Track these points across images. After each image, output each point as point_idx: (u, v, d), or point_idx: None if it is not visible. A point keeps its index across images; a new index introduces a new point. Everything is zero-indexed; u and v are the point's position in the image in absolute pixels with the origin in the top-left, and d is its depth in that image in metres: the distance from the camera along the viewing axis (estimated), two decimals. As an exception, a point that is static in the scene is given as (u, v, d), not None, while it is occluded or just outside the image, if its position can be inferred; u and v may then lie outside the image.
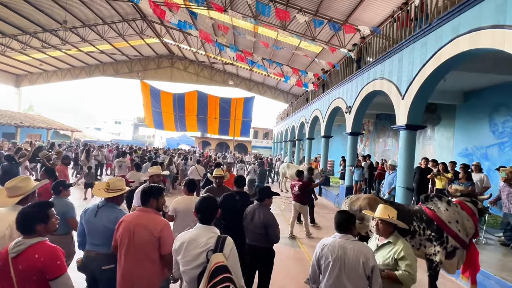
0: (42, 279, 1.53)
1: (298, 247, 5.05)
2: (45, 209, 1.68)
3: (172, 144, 32.53)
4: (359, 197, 3.99)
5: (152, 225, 2.01)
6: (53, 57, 22.81)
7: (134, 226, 2.00)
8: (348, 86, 8.81)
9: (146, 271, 1.99)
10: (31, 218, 1.60)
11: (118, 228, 2.07)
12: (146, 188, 2.19)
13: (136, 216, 2.07)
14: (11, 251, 1.53)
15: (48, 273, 1.53)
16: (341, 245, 1.95)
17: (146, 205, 2.12)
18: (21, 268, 1.51)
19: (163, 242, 2.00)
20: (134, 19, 18.60)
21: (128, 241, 1.99)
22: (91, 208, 2.40)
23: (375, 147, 13.88)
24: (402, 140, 5.65)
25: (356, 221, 2.35)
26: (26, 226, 1.59)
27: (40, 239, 1.60)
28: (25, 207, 1.68)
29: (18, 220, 1.59)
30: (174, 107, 25.84)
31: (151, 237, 1.98)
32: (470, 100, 8.26)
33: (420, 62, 5.15)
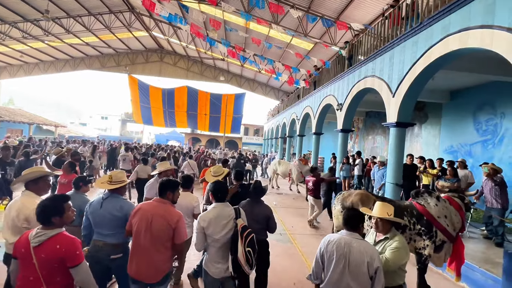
0: (62, 266, 1.69)
1: (290, 243, 5.08)
2: (61, 202, 1.81)
3: (161, 140, 32.00)
4: (351, 193, 4.04)
5: (169, 215, 2.21)
6: (35, 48, 21.82)
7: (152, 215, 2.19)
8: (340, 83, 8.88)
9: (159, 257, 2.19)
10: (49, 211, 1.73)
11: (135, 215, 2.24)
12: (164, 181, 2.35)
13: (154, 206, 2.26)
14: (33, 240, 1.67)
15: (69, 261, 1.70)
16: (347, 243, 1.94)
17: (163, 196, 2.30)
18: (44, 257, 1.66)
19: (178, 232, 2.21)
20: (122, 11, 18.01)
21: (146, 228, 2.17)
22: (96, 200, 2.57)
23: (364, 144, 14.13)
24: (392, 137, 5.76)
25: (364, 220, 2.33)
26: (45, 217, 1.73)
27: (58, 230, 1.75)
28: (44, 200, 1.80)
29: (38, 212, 1.73)
30: (164, 102, 25.32)
31: (168, 227, 2.18)
32: (456, 99, 8.51)
33: (411, 60, 5.24)
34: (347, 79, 8.29)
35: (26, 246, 1.67)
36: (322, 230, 6.00)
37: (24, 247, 1.68)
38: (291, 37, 15.27)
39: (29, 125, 22.40)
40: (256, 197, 3.04)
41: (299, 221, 6.60)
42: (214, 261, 2.36)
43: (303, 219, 6.84)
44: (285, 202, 8.93)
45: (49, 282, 1.69)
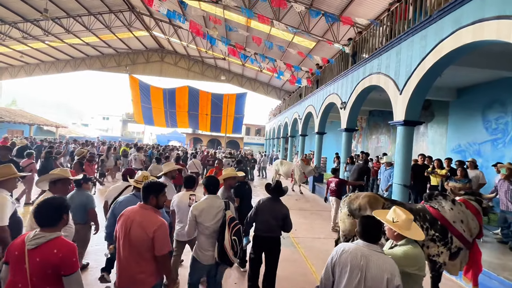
0: (55, 274, 1.55)
1: (293, 247, 4.86)
2: (61, 204, 1.72)
3: (163, 141, 31.87)
4: (358, 196, 3.81)
5: (147, 223, 1.97)
6: (36, 49, 21.74)
7: (131, 222, 1.99)
8: (343, 81, 8.64)
9: (139, 268, 1.97)
10: (54, 212, 1.64)
11: (119, 220, 2.08)
12: (147, 185, 2.11)
13: (134, 212, 2.05)
14: (29, 242, 1.54)
15: (64, 269, 1.55)
16: (365, 255, 1.70)
17: (146, 201, 2.08)
18: (38, 261, 1.52)
19: (156, 242, 1.95)
20: (122, 10, 17.86)
21: (124, 236, 1.98)
22: (125, 200, 2.74)
23: (367, 144, 13.86)
24: (399, 136, 5.52)
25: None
26: (48, 219, 1.62)
27: (58, 234, 1.62)
28: (43, 203, 1.68)
29: (41, 212, 1.62)
30: (165, 102, 25.17)
31: (145, 236, 1.94)
32: (464, 97, 8.24)
33: (420, 55, 5.00)
34: (351, 76, 8.05)
35: (21, 249, 1.55)
36: (327, 234, 5.76)
37: (19, 249, 1.55)
38: (292, 35, 15.07)
39: (30, 125, 22.34)
40: (276, 196, 3.27)
41: (302, 223, 6.37)
42: (204, 249, 2.55)
43: (306, 221, 6.62)
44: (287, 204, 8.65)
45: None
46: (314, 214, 7.36)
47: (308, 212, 7.55)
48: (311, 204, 8.75)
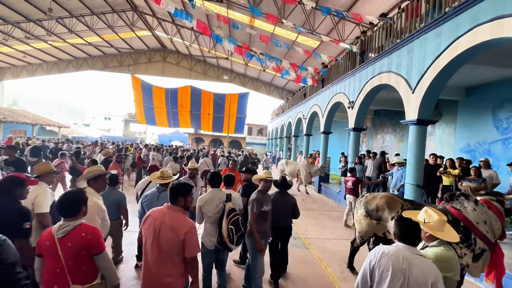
0: (88, 254, 1.75)
1: (306, 249, 4.79)
2: (80, 196, 1.90)
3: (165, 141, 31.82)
4: (375, 196, 3.73)
5: (178, 225, 1.94)
6: (38, 49, 21.71)
7: (160, 224, 1.95)
8: (351, 80, 8.56)
9: (168, 272, 1.93)
10: (78, 203, 1.83)
11: (145, 222, 2.05)
12: (175, 185, 2.08)
13: (162, 214, 2.01)
14: (57, 232, 1.73)
15: (94, 248, 1.76)
16: (406, 258, 1.62)
17: (174, 203, 2.05)
18: (70, 246, 1.71)
19: (187, 245, 1.93)
20: (125, 10, 17.82)
21: (153, 239, 1.94)
22: (151, 193, 3.05)
23: (373, 144, 13.78)
24: (412, 135, 5.44)
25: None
26: (73, 210, 1.81)
27: (80, 221, 1.82)
28: (67, 197, 1.84)
29: (64, 206, 1.80)
30: (167, 102, 25.07)
31: (176, 239, 1.92)
32: (473, 96, 8.16)
33: (433, 53, 4.91)
34: (359, 75, 7.97)
35: (51, 240, 1.72)
36: (337, 235, 5.69)
37: (49, 240, 1.72)
38: (296, 34, 14.99)
39: (33, 126, 22.31)
40: (283, 190, 3.61)
41: (312, 224, 6.30)
42: (209, 235, 2.87)
43: (315, 222, 6.54)
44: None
45: (75, 273, 1.71)
46: (322, 214, 7.28)
47: (316, 212, 7.48)
48: (318, 205, 8.68)
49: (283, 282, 3.62)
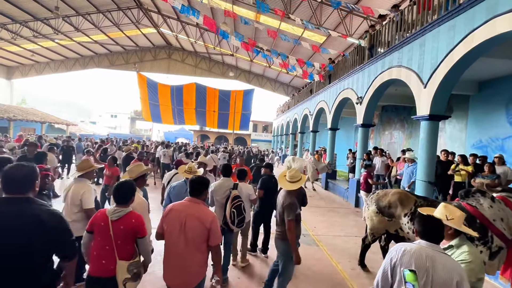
0: (133, 237, 2.05)
1: (315, 245, 4.76)
2: (134, 186, 2.21)
3: (170, 138, 31.99)
4: (387, 193, 3.68)
5: (203, 216, 2.10)
6: (46, 47, 21.97)
7: (185, 216, 2.09)
8: (359, 75, 8.43)
9: (196, 261, 2.08)
10: (128, 193, 2.11)
11: (167, 216, 2.16)
12: (200, 179, 2.26)
13: (187, 206, 2.15)
14: (112, 215, 1.99)
15: (139, 233, 2.05)
16: (430, 256, 1.58)
17: (198, 195, 2.20)
18: (122, 228, 1.99)
19: (213, 233, 2.09)
20: (130, 8, 17.85)
21: (179, 230, 2.07)
22: (178, 185, 3.32)
23: (380, 140, 13.61)
24: (423, 131, 5.33)
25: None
26: (126, 198, 2.09)
27: (130, 208, 2.09)
28: (122, 186, 2.12)
29: (120, 194, 2.08)
30: (172, 99, 25.20)
31: (202, 228, 2.07)
32: (486, 90, 7.95)
33: (447, 47, 4.79)
34: (368, 70, 7.84)
35: (105, 221, 1.99)
36: (347, 232, 5.65)
37: (103, 221, 2.00)
38: (302, 30, 14.82)
39: (41, 123, 22.66)
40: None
41: (321, 221, 6.27)
42: (217, 217, 3.04)
43: (324, 218, 6.51)
44: (302, 201, 8.59)
45: (121, 250, 1.99)
46: (331, 211, 7.24)
47: (325, 209, 7.44)
48: (326, 201, 8.64)
49: (294, 279, 3.60)
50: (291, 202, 2.80)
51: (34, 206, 1.56)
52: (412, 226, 3.24)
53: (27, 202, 1.55)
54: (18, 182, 1.56)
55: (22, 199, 1.55)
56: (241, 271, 3.73)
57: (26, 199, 1.56)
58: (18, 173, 1.57)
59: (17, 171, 1.57)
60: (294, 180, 2.92)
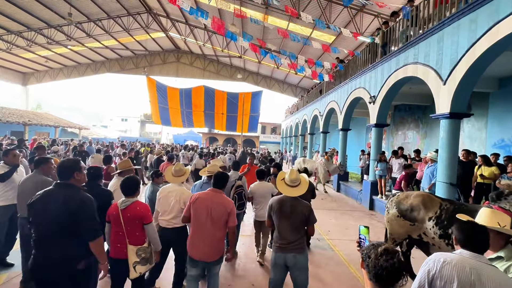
0: (140, 223, 2.36)
1: (331, 250, 4.57)
2: (138, 180, 2.55)
3: (179, 141, 32.26)
4: (408, 195, 3.47)
5: (225, 202, 2.61)
6: (59, 54, 22.56)
7: (211, 203, 2.56)
8: (372, 74, 8.19)
9: (218, 238, 2.56)
10: (135, 186, 2.47)
11: (195, 202, 2.59)
12: (223, 175, 2.79)
13: (212, 195, 2.63)
14: (121, 205, 2.34)
15: (145, 219, 2.37)
16: (475, 268, 1.40)
17: (220, 187, 2.70)
18: (129, 215, 2.32)
19: (232, 216, 2.58)
20: (139, 13, 18.13)
21: (207, 214, 2.53)
22: (198, 184, 3.80)
23: (393, 140, 13.23)
24: (444, 130, 5.07)
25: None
26: (132, 191, 2.43)
27: (136, 198, 2.44)
28: (128, 181, 2.47)
29: (126, 188, 2.43)
30: (181, 103, 25.35)
31: (225, 212, 2.55)
32: (507, 87, 7.57)
33: (468, 41, 4.54)
34: (381, 69, 7.60)
35: (116, 210, 2.33)
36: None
37: (115, 211, 2.34)
38: (311, 29, 14.64)
39: (55, 128, 23.22)
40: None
41: (335, 224, 6.06)
42: None
43: (338, 222, 6.29)
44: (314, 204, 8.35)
45: (131, 236, 2.32)
46: (344, 214, 7.01)
47: (338, 212, 7.22)
48: (338, 204, 8.39)
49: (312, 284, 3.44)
50: (309, 208, 2.58)
51: (68, 191, 1.97)
52: (438, 231, 3.03)
53: (66, 187, 1.99)
54: (61, 171, 2.04)
55: (65, 184, 2.01)
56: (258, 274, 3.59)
57: (67, 184, 2.01)
58: (62, 165, 2.07)
59: (63, 163, 2.09)
60: (295, 184, 2.62)
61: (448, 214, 3.01)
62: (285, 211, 2.53)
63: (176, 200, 2.95)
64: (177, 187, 3.09)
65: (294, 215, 2.51)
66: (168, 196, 3.01)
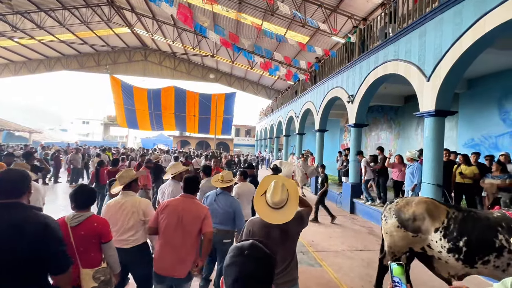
0: (97, 242, 1.99)
1: (318, 265, 4.02)
2: (94, 190, 2.19)
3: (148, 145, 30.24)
4: (409, 202, 3.03)
5: (200, 208, 2.36)
6: (3, 47, 19.82)
7: (182, 210, 2.28)
8: (350, 73, 7.96)
9: (191, 249, 2.28)
10: (90, 197, 2.09)
11: (163, 211, 2.30)
12: (194, 178, 2.49)
13: (182, 201, 2.36)
14: (71, 221, 1.93)
15: (103, 237, 2.00)
16: None
17: (193, 192, 2.45)
18: (83, 234, 1.93)
19: (206, 222, 2.32)
20: (100, 4, 16.52)
21: (177, 224, 2.24)
22: (211, 194, 3.11)
23: (367, 141, 13.34)
24: (428, 128, 4.84)
25: None
26: (85, 203, 2.04)
27: (91, 212, 2.04)
28: (82, 189, 2.07)
29: (79, 198, 2.02)
30: (149, 104, 23.71)
31: (198, 220, 2.29)
32: (476, 88, 7.79)
33: (453, 35, 4.34)
34: (359, 67, 7.38)
35: (64, 228, 1.87)
36: (349, 244, 4.98)
37: (62, 228, 1.79)
38: (285, 29, 14.37)
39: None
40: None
41: (318, 232, 5.57)
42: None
43: (321, 229, 5.82)
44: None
45: (84, 257, 1.92)
46: (325, 219, 6.57)
47: (321, 217, 6.76)
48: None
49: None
50: (304, 220, 1.98)
51: (20, 212, 1.46)
52: (446, 244, 2.60)
53: (16, 208, 1.46)
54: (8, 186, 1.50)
55: (14, 204, 1.47)
56: None
57: (17, 204, 1.48)
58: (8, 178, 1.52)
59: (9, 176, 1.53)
60: (281, 205, 1.78)
61: (457, 224, 2.60)
62: (274, 238, 1.79)
63: (134, 212, 2.44)
64: (129, 198, 2.51)
65: (288, 242, 1.86)
66: (121, 209, 2.44)
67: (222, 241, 2.87)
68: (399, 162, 6.60)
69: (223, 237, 2.88)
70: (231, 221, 2.92)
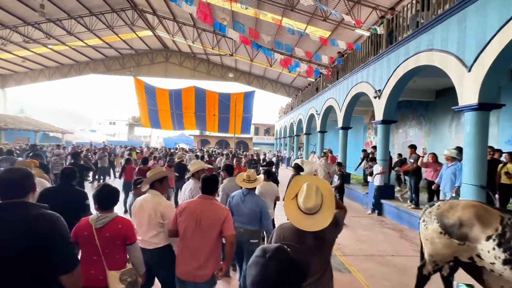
0: (122, 244, 1.96)
1: (347, 271, 3.78)
2: (117, 190, 2.12)
3: (170, 144, 31.11)
4: (453, 205, 2.71)
5: (220, 210, 2.24)
6: (38, 54, 21.24)
7: (200, 213, 2.17)
8: (376, 66, 7.52)
9: (211, 253, 2.17)
10: (114, 198, 2.06)
11: (181, 214, 2.21)
12: (213, 178, 2.35)
13: (199, 203, 2.24)
14: (96, 223, 1.89)
15: (128, 239, 1.97)
16: None
17: (211, 193, 2.32)
18: (108, 235, 1.90)
19: (227, 224, 2.20)
20: (124, 9, 17.14)
21: (195, 227, 2.15)
22: (237, 194, 3.04)
23: (393, 139, 12.62)
24: (470, 124, 4.39)
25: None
26: (109, 203, 2.01)
27: (115, 213, 2.00)
28: (105, 189, 2.03)
29: (103, 199, 1.98)
30: (171, 104, 24.36)
31: (218, 222, 2.17)
32: (521, 78, 7.02)
33: (500, 19, 3.87)
34: (387, 60, 6.93)
35: (89, 229, 1.88)
36: (379, 249, 4.66)
37: (87, 230, 1.89)
38: (306, 24, 13.99)
39: (35, 132, 21.82)
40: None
41: (345, 234, 5.25)
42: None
43: (347, 232, 5.50)
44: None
45: (110, 260, 1.90)
46: (352, 221, 6.25)
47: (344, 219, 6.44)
48: (342, 209, 7.64)
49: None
50: (340, 224, 1.81)
51: (27, 210, 1.42)
52: (502, 254, 2.28)
53: (23, 207, 1.43)
54: (13, 186, 1.46)
55: (20, 204, 1.44)
56: None
57: (23, 203, 1.45)
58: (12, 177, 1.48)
59: (13, 175, 1.49)
60: (315, 211, 1.60)
61: (516, 232, 2.26)
62: (308, 244, 1.62)
63: (152, 213, 2.37)
64: (152, 198, 2.45)
65: (324, 250, 1.69)
66: (142, 209, 2.41)
67: (249, 241, 2.84)
68: (433, 161, 6.10)
69: (250, 237, 2.85)
70: (258, 221, 2.88)
